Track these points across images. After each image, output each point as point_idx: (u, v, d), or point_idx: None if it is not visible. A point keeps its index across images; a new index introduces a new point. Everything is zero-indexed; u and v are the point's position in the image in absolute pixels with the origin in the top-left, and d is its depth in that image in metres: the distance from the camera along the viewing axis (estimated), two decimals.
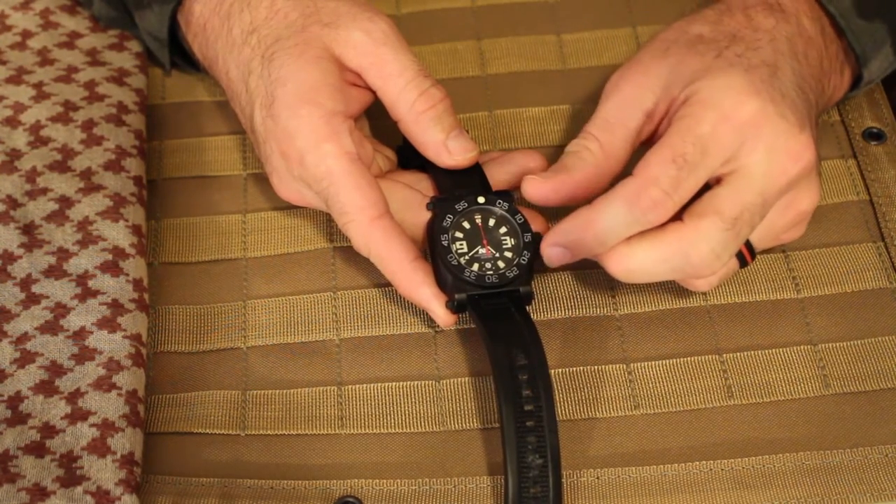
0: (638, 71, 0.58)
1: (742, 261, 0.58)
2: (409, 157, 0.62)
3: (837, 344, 0.59)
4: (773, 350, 0.59)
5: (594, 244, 0.55)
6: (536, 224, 0.59)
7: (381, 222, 0.57)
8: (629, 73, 0.59)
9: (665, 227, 0.55)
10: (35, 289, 0.59)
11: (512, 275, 0.57)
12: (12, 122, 0.65)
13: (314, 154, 0.58)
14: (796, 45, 0.58)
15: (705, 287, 0.58)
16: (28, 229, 0.61)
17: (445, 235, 0.58)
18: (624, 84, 0.58)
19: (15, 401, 0.55)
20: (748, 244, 0.57)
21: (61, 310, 0.58)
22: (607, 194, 0.55)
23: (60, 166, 0.63)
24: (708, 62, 0.57)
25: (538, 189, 0.57)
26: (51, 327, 0.58)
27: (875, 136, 0.66)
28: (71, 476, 0.53)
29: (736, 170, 0.55)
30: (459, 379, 0.59)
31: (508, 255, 0.58)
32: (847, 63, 0.63)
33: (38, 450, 0.54)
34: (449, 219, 0.58)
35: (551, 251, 0.56)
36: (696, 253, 0.54)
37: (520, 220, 0.59)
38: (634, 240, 0.55)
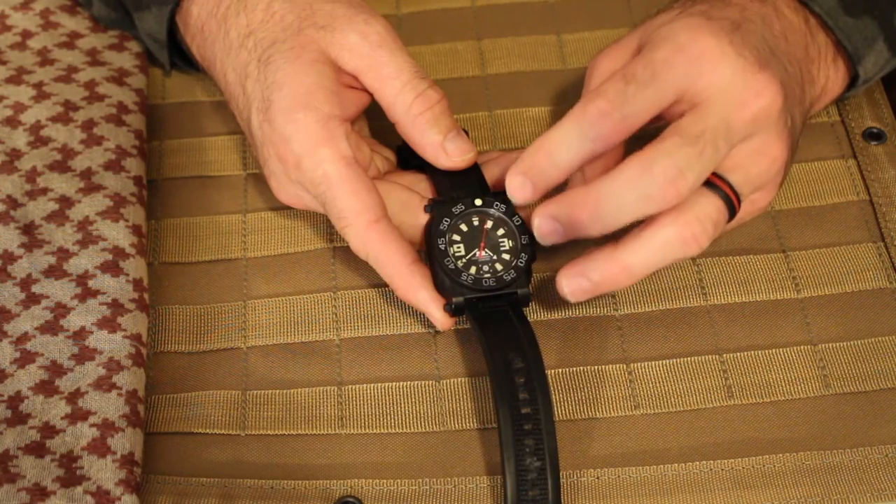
0: (613, 47, 0.60)
1: (730, 207, 0.56)
2: (408, 158, 0.62)
3: (837, 344, 0.59)
4: (773, 350, 0.59)
5: (547, 164, 0.55)
6: None
7: (379, 226, 0.57)
8: (606, 50, 0.60)
9: (627, 158, 0.54)
10: (35, 289, 0.59)
11: (509, 278, 0.57)
12: (12, 122, 0.65)
13: (310, 158, 0.58)
14: (772, 23, 0.59)
15: (702, 237, 0.55)
16: (28, 229, 0.61)
17: (442, 239, 0.58)
18: (601, 60, 0.60)
19: (15, 401, 0.55)
20: (734, 190, 0.56)
21: (61, 310, 0.58)
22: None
23: (60, 166, 0.63)
24: (672, 17, 0.58)
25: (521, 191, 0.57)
26: (51, 327, 0.58)
27: (875, 136, 0.66)
28: (71, 476, 0.53)
29: (696, 103, 0.55)
30: (460, 379, 0.59)
31: (506, 257, 0.58)
32: (840, 56, 0.62)
33: (38, 450, 0.54)
34: (446, 222, 0.58)
35: (513, 180, 0.56)
36: (660, 167, 0.53)
37: (517, 221, 0.59)
38: (598, 178, 0.55)
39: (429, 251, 0.58)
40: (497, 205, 0.59)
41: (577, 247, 0.60)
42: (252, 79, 0.60)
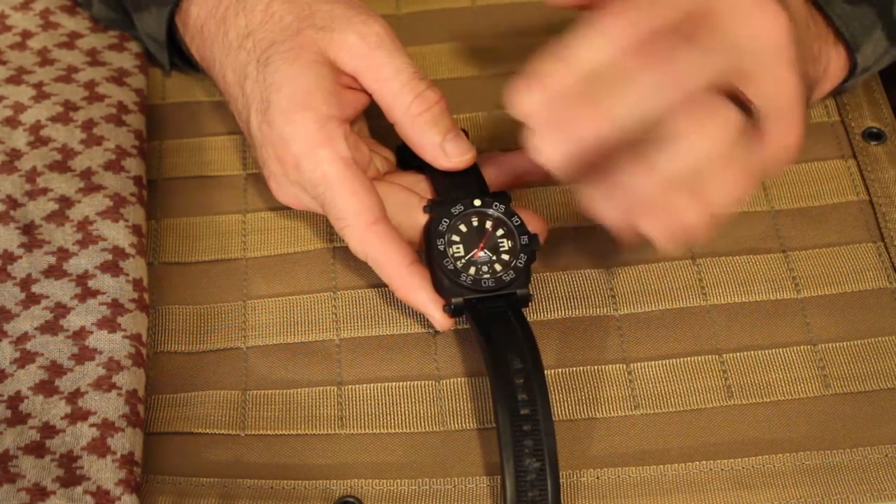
0: None
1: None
2: (408, 158, 0.62)
3: (837, 344, 0.59)
4: (773, 350, 0.59)
5: (559, 64, 0.50)
6: (534, 225, 0.59)
7: (378, 227, 0.57)
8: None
9: None
10: (35, 289, 0.59)
11: (508, 278, 0.57)
12: (12, 122, 0.65)
13: (309, 159, 0.58)
14: None
15: (723, 138, 0.49)
16: (28, 229, 0.61)
17: (441, 240, 0.58)
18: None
19: (15, 401, 0.55)
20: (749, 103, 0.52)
21: (61, 310, 0.58)
22: None
23: (60, 166, 0.63)
24: None
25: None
26: (51, 327, 0.58)
27: (875, 136, 0.66)
28: (71, 476, 0.53)
29: (703, 16, 0.50)
30: (459, 379, 0.59)
31: (505, 257, 0.58)
32: (839, 40, 0.62)
33: (38, 450, 0.54)
34: (445, 223, 0.58)
35: (518, 90, 0.51)
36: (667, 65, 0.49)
37: (517, 222, 0.59)
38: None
39: (428, 252, 0.58)
40: (496, 205, 0.59)
41: (579, 249, 0.60)
42: (251, 80, 0.60)
